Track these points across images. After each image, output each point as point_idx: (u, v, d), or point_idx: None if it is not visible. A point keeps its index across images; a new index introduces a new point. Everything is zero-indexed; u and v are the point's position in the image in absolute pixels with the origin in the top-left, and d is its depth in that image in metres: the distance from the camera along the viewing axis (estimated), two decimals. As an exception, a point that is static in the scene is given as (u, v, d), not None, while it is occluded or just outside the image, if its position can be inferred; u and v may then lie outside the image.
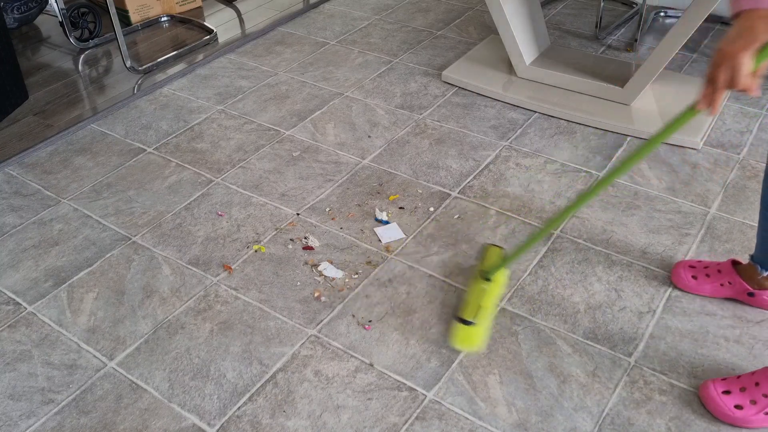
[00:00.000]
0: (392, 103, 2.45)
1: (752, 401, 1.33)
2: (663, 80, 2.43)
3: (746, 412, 1.33)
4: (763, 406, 1.32)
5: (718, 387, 1.37)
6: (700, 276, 1.64)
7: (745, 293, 1.60)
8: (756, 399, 1.33)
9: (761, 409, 1.32)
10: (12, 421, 1.44)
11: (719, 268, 1.63)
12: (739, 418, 1.33)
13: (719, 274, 1.62)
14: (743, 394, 1.34)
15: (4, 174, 2.16)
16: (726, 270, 1.61)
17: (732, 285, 1.61)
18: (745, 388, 1.35)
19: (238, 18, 3.14)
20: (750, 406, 1.33)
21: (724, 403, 1.35)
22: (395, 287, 1.72)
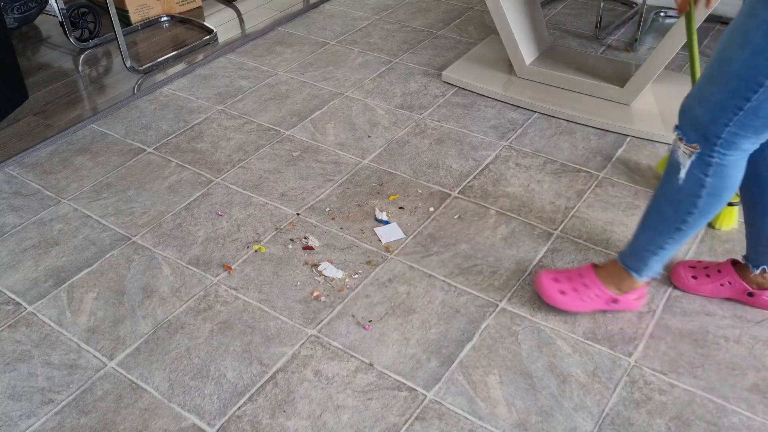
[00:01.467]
0: (392, 103, 2.45)
1: (574, 289, 1.60)
2: (663, 80, 2.43)
3: (567, 297, 1.59)
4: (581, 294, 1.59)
5: (549, 276, 1.63)
6: (700, 276, 1.66)
7: (745, 293, 1.62)
8: (577, 288, 1.59)
9: (578, 296, 1.59)
10: (12, 421, 1.44)
11: (719, 268, 1.65)
12: (561, 301, 1.60)
13: (719, 274, 1.64)
14: (569, 283, 1.60)
15: (4, 174, 2.16)
16: (726, 270, 1.63)
17: (732, 285, 1.63)
18: (572, 278, 1.61)
19: (238, 18, 3.14)
20: (572, 293, 1.59)
21: (551, 288, 1.61)
22: (395, 287, 1.72)
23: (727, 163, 1.31)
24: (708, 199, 1.36)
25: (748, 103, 1.21)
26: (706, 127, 1.29)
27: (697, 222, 1.41)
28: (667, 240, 1.46)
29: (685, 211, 1.40)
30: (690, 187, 1.36)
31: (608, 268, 1.60)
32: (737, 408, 1.43)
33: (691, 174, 1.34)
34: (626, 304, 1.61)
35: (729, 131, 1.26)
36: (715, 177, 1.33)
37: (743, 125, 1.25)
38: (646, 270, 1.54)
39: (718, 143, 1.29)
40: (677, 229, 1.43)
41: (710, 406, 1.43)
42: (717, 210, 1.40)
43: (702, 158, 1.32)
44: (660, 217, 1.46)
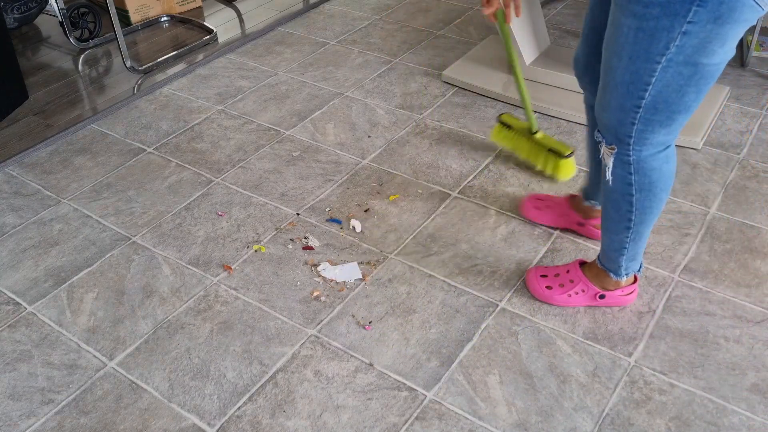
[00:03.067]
0: (392, 103, 2.45)
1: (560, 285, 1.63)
2: (663, 80, 2.43)
3: (553, 292, 1.63)
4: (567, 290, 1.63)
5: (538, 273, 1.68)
6: (542, 207, 1.86)
7: (576, 223, 1.82)
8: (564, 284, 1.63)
9: (564, 292, 1.63)
10: (12, 421, 1.44)
11: (558, 201, 1.86)
12: (547, 295, 1.64)
13: (557, 206, 1.84)
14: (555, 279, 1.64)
15: (4, 174, 2.16)
16: (562, 202, 1.84)
17: (566, 215, 1.83)
18: (559, 274, 1.65)
19: (238, 18, 3.14)
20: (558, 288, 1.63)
21: (538, 284, 1.65)
22: (395, 287, 1.72)
23: (644, 158, 1.36)
24: (640, 195, 1.41)
25: (643, 101, 1.27)
26: (616, 129, 1.34)
27: (644, 219, 1.45)
28: (623, 240, 1.50)
29: (625, 210, 1.45)
30: (619, 186, 1.42)
31: (593, 267, 1.63)
32: (737, 408, 1.43)
33: (616, 174, 1.40)
34: (613, 300, 1.63)
35: (637, 129, 1.31)
36: (638, 174, 1.38)
37: (648, 121, 1.30)
38: (621, 269, 1.57)
39: (630, 142, 1.34)
40: (627, 228, 1.47)
41: (710, 406, 1.43)
42: (656, 203, 1.43)
43: (620, 158, 1.37)
44: (609, 219, 1.51)
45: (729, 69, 2.59)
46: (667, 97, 1.26)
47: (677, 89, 1.25)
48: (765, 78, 2.53)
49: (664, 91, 1.25)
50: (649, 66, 1.23)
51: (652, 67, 1.23)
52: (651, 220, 1.47)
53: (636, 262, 1.57)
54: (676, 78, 1.23)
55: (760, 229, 1.87)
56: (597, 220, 1.77)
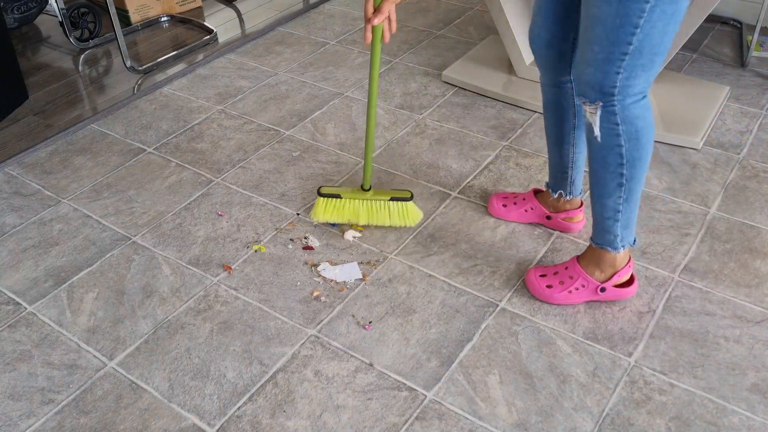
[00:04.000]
0: (392, 103, 2.45)
1: (560, 282, 1.65)
2: (663, 80, 2.43)
3: (554, 291, 1.65)
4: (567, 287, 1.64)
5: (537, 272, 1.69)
6: (509, 204, 1.89)
7: (544, 217, 1.85)
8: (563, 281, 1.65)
9: (565, 289, 1.64)
10: (12, 421, 1.44)
11: (524, 197, 1.88)
12: (548, 294, 1.65)
13: (524, 202, 1.87)
14: (555, 277, 1.66)
15: (4, 174, 2.16)
16: (529, 198, 1.87)
17: (534, 210, 1.86)
18: (558, 272, 1.66)
19: (238, 18, 3.14)
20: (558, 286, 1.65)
21: (539, 284, 1.67)
22: (395, 287, 1.72)
23: (628, 106, 1.41)
24: (629, 145, 1.45)
25: (631, 46, 1.32)
26: (601, 83, 1.38)
27: (633, 173, 1.48)
28: (617, 201, 1.53)
29: (614, 164, 1.48)
30: (608, 140, 1.45)
31: (587, 254, 1.65)
32: (737, 408, 1.43)
33: (603, 128, 1.44)
34: (614, 294, 1.64)
35: (621, 78, 1.36)
36: (624, 123, 1.42)
37: (632, 68, 1.35)
38: (617, 240, 1.59)
39: (615, 92, 1.39)
40: (619, 185, 1.50)
41: (710, 406, 1.43)
42: (644, 154, 1.47)
43: (606, 110, 1.41)
44: (600, 182, 1.53)
45: (729, 69, 2.59)
46: (652, 38, 1.31)
47: (661, 30, 1.31)
48: (765, 78, 2.53)
49: (651, 33, 1.30)
50: (638, 6, 1.27)
51: (641, 7, 1.27)
52: (641, 175, 1.50)
53: (629, 231, 1.58)
54: (661, 17, 1.29)
55: (760, 229, 1.87)
56: (565, 212, 1.83)
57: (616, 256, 1.61)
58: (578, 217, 1.84)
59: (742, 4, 2.87)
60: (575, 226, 1.85)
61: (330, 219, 1.87)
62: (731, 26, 2.91)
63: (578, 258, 1.66)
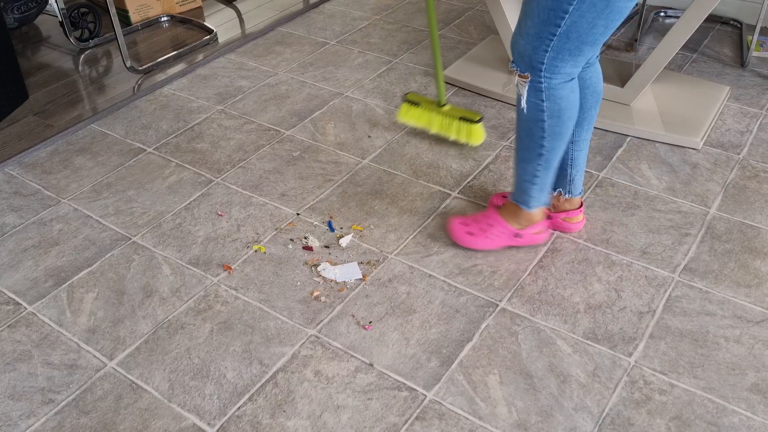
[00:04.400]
0: (392, 103, 2.45)
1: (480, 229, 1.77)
2: (663, 80, 2.43)
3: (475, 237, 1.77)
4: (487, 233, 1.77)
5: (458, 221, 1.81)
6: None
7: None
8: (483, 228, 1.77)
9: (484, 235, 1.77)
10: (12, 421, 1.44)
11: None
12: (469, 240, 1.78)
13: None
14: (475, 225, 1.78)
15: (4, 174, 2.16)
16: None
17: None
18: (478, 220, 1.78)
19: (238, 18, 3.14)
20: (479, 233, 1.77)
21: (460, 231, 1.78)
22: (395, 287, 1.72)
23: (554, 86, 1.50)
24: (551, 121, 1.55)
25: (559, 29, 1.40)
26: (530, 56, 1.48)
27: (554, 145, 1.59)
28: (536, 167, 1.64)
29: (537, 135, 1.59)
30: (532, 113, 1.56)
31: (507, 207, 1.78)
32: (737, 408, 1.43)
33: (529, 102, 1.54)
34: (529, 239, 1.78)
35: (549, 57, 1.46)
36: (549, 100, 1.52)
37: (559, 49, 1.44)
38: (532, 200, 1.71)
39: (542, 69, 1.48)
40: (539, 155, 1.61)
41: (710, 406, 1.43)
42: (565, 130, 1.57)
43: (533, 85, 1.51)
44: (523, 149, 1.64)
45: (729, 69, 2.59)
46: (579, 27, 1.40)
47: (589, 21, 1.39)
48: (765, 78, 2.53)
49: (578, 21, 1.39)
50: None
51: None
52: (560, 147, 1.61)
53: (544, 194, 1.72)
54: (590, 9, 1.37)
55: (760, 229, 1.87)
56: (564, 213, 1.84)
57: (531, 213, 1.74)
58: (578, 217, 1.84)
59: (742, 4, 2.87)
60: (574, 226, 1.85)
61: (409, 121, 2.15)
62: (731, 26, 2.91)
63: (498, 208, 1.80)
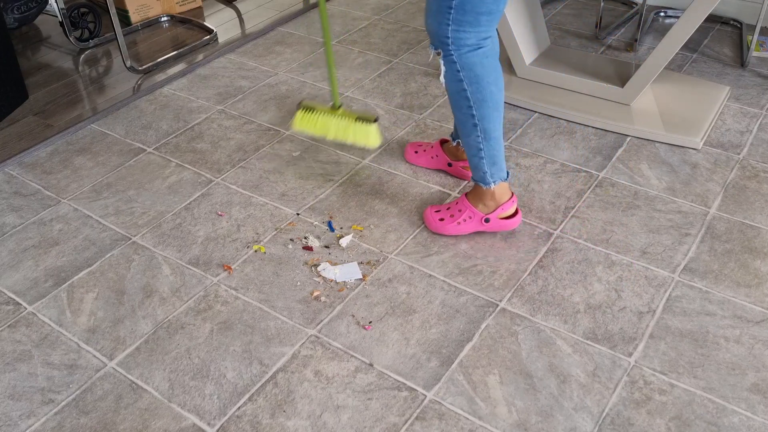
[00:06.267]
0: (392, 103, 2.45)
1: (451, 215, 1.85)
2: (663, 80, 2.43)
3: (445, 223, 1.85)
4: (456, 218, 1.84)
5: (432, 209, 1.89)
6: (420, 152, 2.11)
7: (446, 164, 2.07)
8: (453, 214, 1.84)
9: (454, 221, 1.84)
10: (12, 421, 1.44)
11: (431, 145, 2.11)
12: (440, 226, 1.86)
13: (431, 149, 2.09)
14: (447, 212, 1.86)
15: (4, 174, 2.16)
16: (435, 146, 2.09)
17: (438, 157, 2.07)
18: (450, 207, 1.87)
19: (238, 18, 3.14)
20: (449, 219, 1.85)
21: (432, 218, 1.87)
22: (395, 287, 1.72)
23: (464, 54, 1.60)
24: (472, 88, 1.64)
25: (453, 1, 1.51)
26: (437, 32, 1.59)
27: (483, 113, 1.67)
28: (477, 140, 1.72)
29: (465, 106, 1.67)
30: (453, 84, 1.65)
31: (473, 191, 1.84)
32: (737, 408, 1.43)
33: (448, 74, 1.64)
34: (497, 224, 1.84)
35: (452, 30, 1.56)
36: (464, 70, 1.62)
37: (459, 22, 1.54)
38: (487, 176, 1.77)
39: (449, 42, 1.58)
40: (474, 126, 1.70)
41: (710, 406, 1.43)
42: (488, 96, 1.65)
43: (447, 58, 1.61)
44: (459, 124, 1.73)
45: (729, 69, 2.59)
46: None
47: None
48: (765, 78, 2.53)
49: None
50: None
51: None
52: (491, 115, 1.68)
53: (498, 167, 1.77)
54: None
55: (760, 229, 1.87)
56: (463, 162, 2.03)
57: (494, 191, 1.80)
58: None
59: (742, 4, 2.87)
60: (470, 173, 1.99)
61: (304, 129, 2.04)
62: (731, 26, 2.91)
63: (466, 194, 1.85)
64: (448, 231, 1.85)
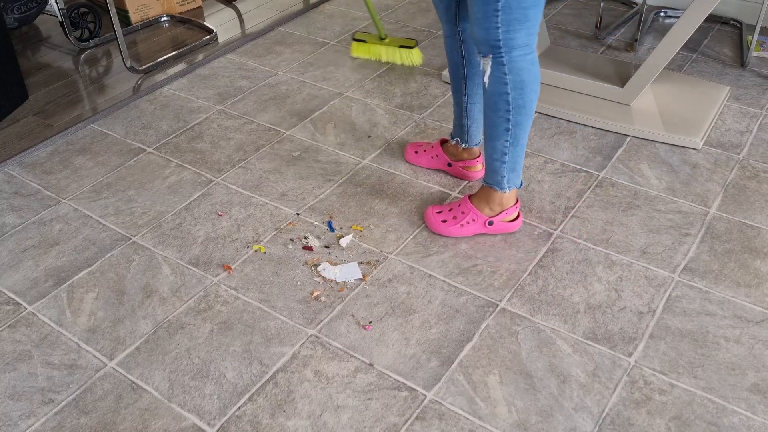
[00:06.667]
0: (392, 103, 2.45)
1: (454, 217, 1.85)
2: (663, 80, 2.43)
3: (448, 225, 1.84)
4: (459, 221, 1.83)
5: (434, 209, 1.89)
6: (420, 151, 2.12)
7: (446, 164, 2.07)
8: (456, 216, 1.84)
9: (457, 223, 1.83)
10: (12, 421, 1.44)
11: (432, 145, 2.11)
12: (442, 228, 1.85)
13: (431, 149, 2.09)
14: (449, 213, 1.86)
15: (4, 174, 2.16)
16: (435, 146, 2.09)
17: (438, 157, 2.07)
18: (452, 209, 1.86)
19: (238, 18, 3.14)
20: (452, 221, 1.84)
21: (435, 219, 1.86)
22: (395, 287, 1.72)
23: (515, 58, 1.60)
24: (514, 93, 1.64)
25: (499, 2, 1.51)
26: (486, 37, 1.58)
27: (519, 120, 1.67)
28: (504, 144, 1.71)
29: (502, 110, 1.67)
30: (495, 86, 1.65)
31: (479, 193, 1.84)
32: (737, 408, 1.43)
33: (493, 76, 1.64)
34: (500, 227, 1.84)
35: (502, 32, 1.56)
36: (511, 73, 1.61)
37: (507, 22, 1.54)
38: (504, 181, 1.78)
39: (500, 45, 1.58)
40: (506, 130, 1.69)
41: (710, 406, 1.43)
42: (528, 103, 1.66)
43: (496, 60, 1.61)
44: (490, 126, 1.71)
45: (729, 69, 2.59)
46: None
47: None
48: (765, 78, 2.53)
49: None
50: None
51: None
52: (525, 123, 1.68)
53: (516, 174, 1.78)
54: None
55: (760, 229, 1.87)
56: (463, 162, 2.03)
57: (503, 196, 1.80)
58: (476, 167, 2.03)
59: (742, 4, 2.87)
60: (473, 174, 2.04)
61: (361, 56, 2.69)
62: (731, 26, 2.91)
63: (470, 196, 1.85)
64: (450, 233, 1.84)
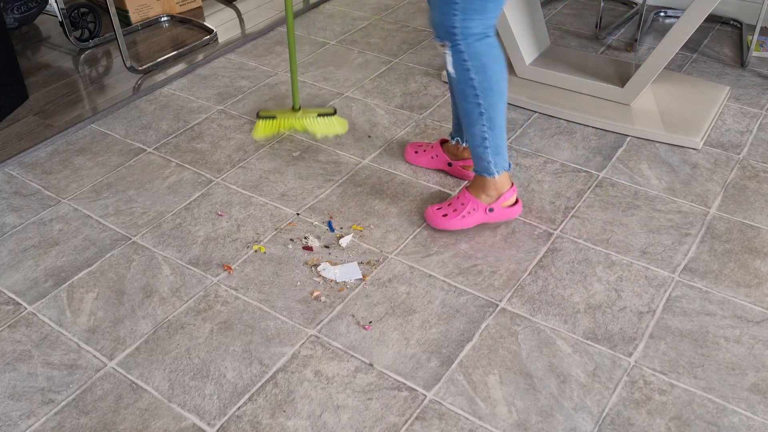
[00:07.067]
0: (392, 103, 2.45)
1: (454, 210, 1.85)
2: (663, 80, 2.43)
3: (449, 218, 1.85)
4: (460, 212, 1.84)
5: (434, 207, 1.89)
6: (420, 151, 2.12)
7: (446, 164, 2.07)
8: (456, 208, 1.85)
9: (458, 215, 1.84)
10: (12, 421, 1.44)
11: (431, 145, 2.11)
12: (444, 222, 1.85)
13: (431, 149, 2.10)
14: (449, 207, 1.86)
15: (4, 174, 2.16)
16: (435, 146, 2.09)
17: (438, 157, 2.08)
18: (451, 203, 1.87)
19: (238, 18, 3.14)
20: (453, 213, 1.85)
21: (435, 215, 1.87)
22: (395, 287, 1.72)
23: (471, 44, 1.62)
24: (479, 77, 1.66)
25: None
26: (444, 23, 1.61)
27: (490, 102, 1.69)
28: (482, 129, 1.73)
29: (471, 95, 1.69)
30: (460, 74, 1.67)
31: (473, 183, 1.86)
32: (737, 408, 1.43)
33: (455, 64, 1.66)
34: (501, 213, 1.86)
35: (459, 20, 1.58)
36: (472, 59, 1.64)
37: (466, 11, 1.57)
38: (491, 166, 1.79)
39: (457, 33, 1.60)
40: (480, 114, 1.71)
41: (710, 406, 1.43)
42: (494, 84, 1.67)
43: (454, 48, 1.63)
44: (465, 114, 1.73)
45: (729, 69, 2.59)
46: None
47: None
48: (765, 78, 2.53)
49: None
50: None
51: None
52: (497, 104, 1.70)
53: (501, 157, 1.79)
54: None
55: (760, 229, 1.87)
56: (463, 161, 2.04)
57: (496, 181, 1.81)
58: None
59: (742, 4, 2.87)
60: (472, 174, 1.96)
61: (268, 135, 2.25)
62: (731, 26, 2.91)
63: (467, 187, 1.87)
64: (453, 226, 1.84)
